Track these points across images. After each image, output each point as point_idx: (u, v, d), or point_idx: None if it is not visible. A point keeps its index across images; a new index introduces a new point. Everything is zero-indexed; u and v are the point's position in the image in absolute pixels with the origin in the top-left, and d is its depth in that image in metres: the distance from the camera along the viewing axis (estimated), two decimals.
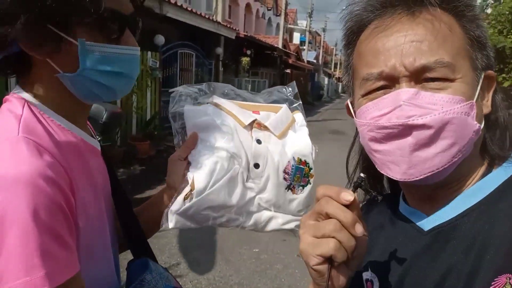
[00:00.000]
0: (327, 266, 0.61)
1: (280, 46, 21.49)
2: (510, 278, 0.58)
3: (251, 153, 0.94)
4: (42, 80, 0.81)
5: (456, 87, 0.65)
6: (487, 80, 0.71)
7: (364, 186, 0.66)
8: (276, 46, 20.58)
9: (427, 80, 0.66)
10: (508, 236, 0.62)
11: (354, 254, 0.62)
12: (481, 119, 0.69)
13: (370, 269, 0.80)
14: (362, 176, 0.65)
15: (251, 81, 17.62)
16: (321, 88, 39.68)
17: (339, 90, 54.71)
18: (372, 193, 0.74)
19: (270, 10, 31.20)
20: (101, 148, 0.96)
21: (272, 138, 0.98)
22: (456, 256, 0.66)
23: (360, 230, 0.60)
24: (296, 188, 0.97)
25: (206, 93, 1.02)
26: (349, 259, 0.62)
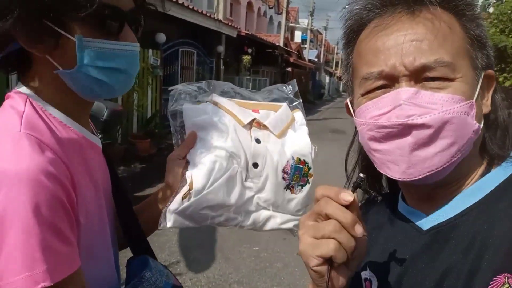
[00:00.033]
0: (327, 267, 0.61)
1: (281, 44, 21.45)
2: (508, 278, 0.58)
3: (250, 152, 0.94)
4: (42, 77, 0.81)
5: (456, 86, 0.65)
6: (487, 80, 0.71)
7: (363, 186, 0.66)
8: (277, 44, 20.55)
9: (427, 79, 0.66)
10: (507, 235, 0.62)
11: (354, 254, 0.62)
12: (480, 119, 0.68)
13: (369, 268, 0.80)
14: (362, 176, 0.65)
15: (252, 79, 17.59)
16: (322, 87, 39.63)
17: (340, 89, 54.61)
18: (371, 193, 0.74)
19: (272, 8, 31.14)
20: (102, 146, 0.95)
21: (272, 137, 0.97)
22: (455, 256, 0.65)
23: (360, 231, 0.60)
24: (295, 188, 0.97)
25: (205, 91, 1.02)
26: (349, 260, 0.62)
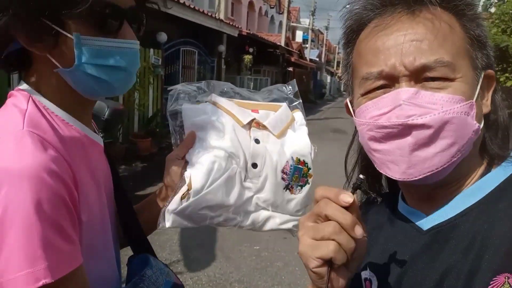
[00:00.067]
0: (326, 268, 0.61)
1: (282, 44, 21.43)
2: (508, 278, 0.58)
3: (249, 152, 0.94)
4: (44, 76, 0.82)
5: (456, 86, 0.65)
6: (487, 80, 0.71)
7: (363, 187, 0.65)
8: (278, 44, 20.52)
9: (427, 79, 0.66)
10: (507, 235, 0.61)
11: (353, 255, 0.62)
12: (480, 119, 0.68)
13: (369, 268, 0.80)
14: (362, 177, 0.65)
15: (253, 79, 17.58)
16: (323, 87, 39.62)
17: (342, 88, 54.54)
18: (371, 194, 0.74)
19: (273, 8, 31.11)
20: (103, 145, 0.95)
21: (271, 138, 0.97)
22: (455, 256, 0.65)
23: (359, 232, 0.60)
24: (294, 188, 0.97)
25: (205, 91, 1.02)
26: (348, 261, 0.61)
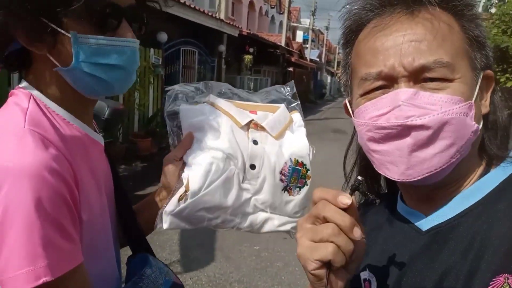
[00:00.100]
0: (325, 270, 0.61)
1: (283, 44, 21.41)
2: (508, 278, 0.58)
3: (247, 154, 0.93)
4: (44, 75, 0.82)
5: (455, 87, 0.65)
6: (485, 80, 0.71)
7: (361, 189, 0.65)
8: (279, 44, 20.50)
9: (426, 80, 0.66)
10: (506, 236, 0.61)
11: (352, 257, 0.62)
12: (479, 119, 0.68)
13: (368, 269, 0.79)
14: (360, 179, 0.64)
15: (254, 79, 17.56)
16: (323, 87, 39.60)
17: (342, 88, 54.48)
18: (369, 196, 0.73)
19: (274, 8, 31.09)
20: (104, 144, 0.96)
21: (269, 139, 0.97)
22: (455, 257, 0.65)
23: (358, 234, 0.60)
24: (292, 190, 0.96)
25: (202, 92, 1.01)
26: (347, 263, 0.61)
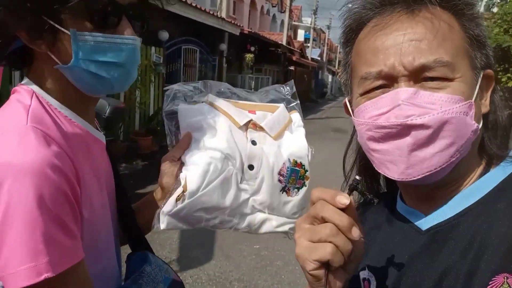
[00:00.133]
0: (324, 270, 0.60)
1: (284, 43, 21.38)
2: (507, 278, 0.58)
3: (246, 154, 0.93)
4: (46, 73, 0.82)
5: (455, 86, 0.65)
6: (486, 80, 0.71)
7: (359, 188, 0.65)
8: (280, 43, 20.47)
9: (426, 79, 0.66)
10: (506, 235, 0.61)
11: (351, 257, 0.61)
12: (479, 119, 0.68)
13: (367, 268, 0.79)
14: (358, 178, 0.65)
15: (255, 77, 17.55)
16: (324, 86, 39.55)
17: (342, 88, 54.35)
18: (368, 196, 0.73)
19: (275, 6, 31.05)
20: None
21: (268, 139, 0.96)
22: (454, 256, 0.65)
23: (356, 234, 0.59)
24: (291, 190, 0.96)
25: (201, 91, 1.01)
26: (346, 263, 0.61)
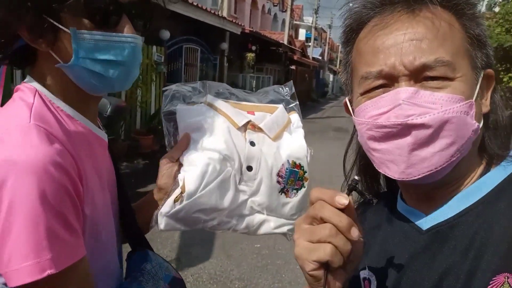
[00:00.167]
0: (323, 271, 0.60)
1: (285, 42, 21.37)
2: (508, 277, 0.58)
3: (244, 155, 0.93)
4: (48, 72, 0.82)
5: (455, 86, 0.65)
6: (486, 79, 0.71)
7: (358, 188, 0.65)
8: (281, 42, 20.44)
9: (426, 78, 0.66)
10: (506, 235, 0.61)
11: (350, 257, 0.61)
12: (480, 118, 0.68)
13: (367, 268, 0.79)
14: (357, 178, 0.65)
15: (256, 77, 17.52)
16: (326, 85, 39.55)
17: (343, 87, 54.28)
18: (367, 196, 0.73)
19: (276, 6, 31.01)
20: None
21: (266, 140, 0.96)
22: (454, 256, 0.65)
23: (356, 234, 0.59)
24: (289, 192, 0.96)
25: (200, 92, 1.01)
26: (345, 263, 0.61)
